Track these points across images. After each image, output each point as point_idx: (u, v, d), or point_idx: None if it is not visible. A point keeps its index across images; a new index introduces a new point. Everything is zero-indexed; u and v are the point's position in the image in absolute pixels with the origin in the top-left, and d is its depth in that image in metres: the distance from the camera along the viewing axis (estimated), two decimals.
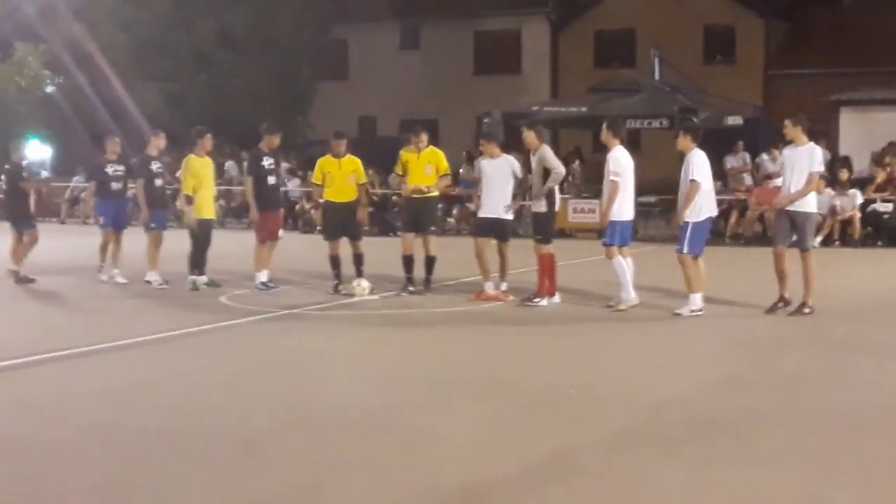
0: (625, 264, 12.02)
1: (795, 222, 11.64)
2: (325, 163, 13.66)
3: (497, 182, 12.89)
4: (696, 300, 11.61)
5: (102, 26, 32.41)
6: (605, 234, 12.16)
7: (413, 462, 6.22)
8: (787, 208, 11.64)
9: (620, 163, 12.01)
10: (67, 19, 32.16)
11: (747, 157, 23.15)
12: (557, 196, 12.90)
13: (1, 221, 16.63)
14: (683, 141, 11.80)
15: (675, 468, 6.06)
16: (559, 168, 12.50)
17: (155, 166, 14.67)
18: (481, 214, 13.09)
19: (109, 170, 14.95)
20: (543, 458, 6.28)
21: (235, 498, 5.60)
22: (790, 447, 6.52)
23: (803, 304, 11.61)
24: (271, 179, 14.04)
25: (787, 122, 11.83)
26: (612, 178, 11.97)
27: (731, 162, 23.23)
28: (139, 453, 6.40)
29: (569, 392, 8.05)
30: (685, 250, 11.58)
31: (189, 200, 13.80)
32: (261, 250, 13.92)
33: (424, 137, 13.45)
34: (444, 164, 13.57)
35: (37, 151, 37.75)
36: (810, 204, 11.66)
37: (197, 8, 32.47)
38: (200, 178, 13.91)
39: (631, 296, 12.06)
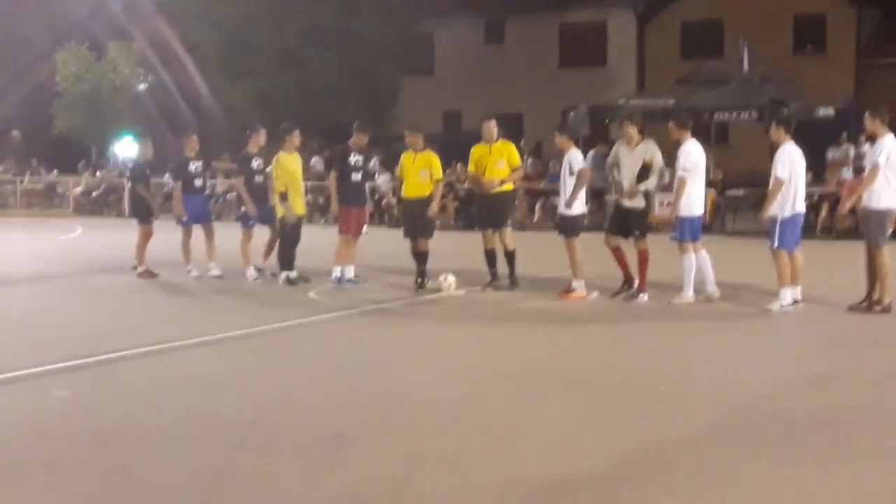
0: (693, 260, 11.92)
1: (861, 218, 11.46)
2: (403, 158, 13.73)
3: (564, 177, 12.82)
4: (787, 295, 11.45)
5: (192, 25, 32.98)
6: (674, 229, 12.07)
7: (499, 457, 6.24)
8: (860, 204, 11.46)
9: (691, 157, 11.89)
10: (157, 19, 32.80)
11: (851, 149, 22.37)
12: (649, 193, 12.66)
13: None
14: (777, 132, 11.62)
15: (764, 466, 5.99)
16: (659, 164, 12.26)
17: (255, 163, 14.88)
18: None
19: (192, 167, 15.25)
20: (632, 453, 6.25)
21: (324, 491, 5.67)
22: (882, 445, 6.40)
23: (876, 302, 11.36)
24: (356, 176, 14.02)
25: (867, 115, 11.58)
26: (681, 172, 11.87)
27: (833, 153, 22.66)
28: (231, 446, 6.51)
29: (657, 388, 7.99)
30: (776, 245, 11.42)
31: (283, 197, 13.97)
32: (341, 245, 13.99)
33: (493, 128, 13.33)
34: (516, 158, 13.45)
35: (130, 149, 38.67)
36: (873, 199, 11.34)
37: (284, 5, 32.87)
38: (290, 175, 14.11)
39: (689, 294, 12.00)
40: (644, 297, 12.33)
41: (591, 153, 12.92)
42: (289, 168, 14.11)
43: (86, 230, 24.49)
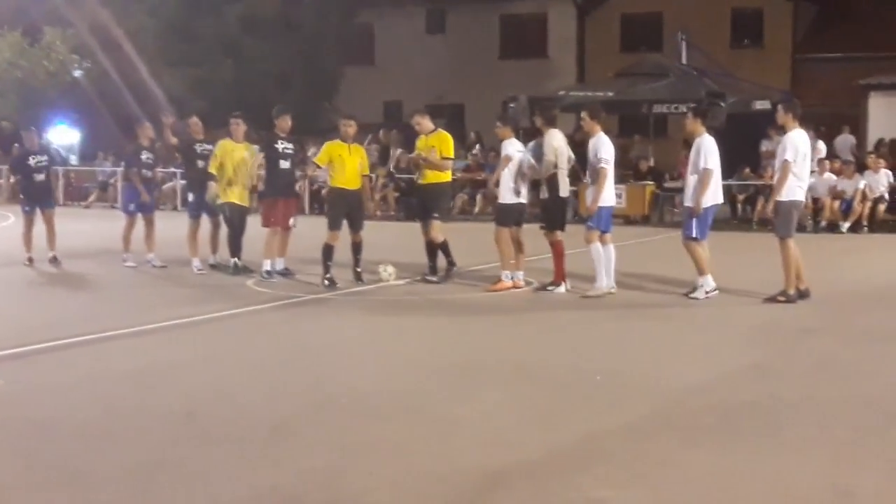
0: (601, 250, 12.02)
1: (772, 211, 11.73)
2: (333, 147, 13.12)
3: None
4: (710, 281, 11.70)
5: (129, 11, 32.53)
6: (591, 218, 12.12)
7: (437, 447, 6.25)
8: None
9: (607, 147, 12.00)
10: (94, 4, 32.31)
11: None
12: (563, 182, 12.44)
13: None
14: (693, 124, 11.83)
15: (700, 455, 6.06)
16: (549, 156, 12.25)
17: (199, 148, 14.67)
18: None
19: (144, 156, 15.03)
20: (569, 443, 6.29)
21: (260, 482, 5.63)
22: (816, 434, 6.50)
23: (781, 292, 11.53)
24: (284, 164, 13.65)
25: (779, 108, 11.79)
26: (602, 164, 11.93)
27: (766, 145, 22.97)
28: (166, 436, 6.46)
29: (594, 378, 8.05)
30: (693, 234, 11.61)
31: (212, 178, 13.80)
32: (269, 237, 13.71)
33: (425, 122, 13.21)
34: (447, 148, 13.10)
35: (64, 136, 38.08)
36: (782, 192, 11.52)
37: None
38: (236, 164, 13.88)
39: (604, 283, 12.07)
40: (558, 289, 12.35)
41: (531, 144, 12.86)
42: (234, 157, 13.90)
43: (19, 219, 24.01)
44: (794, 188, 11.49)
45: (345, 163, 13.00)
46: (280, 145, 13.68)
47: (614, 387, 7.79)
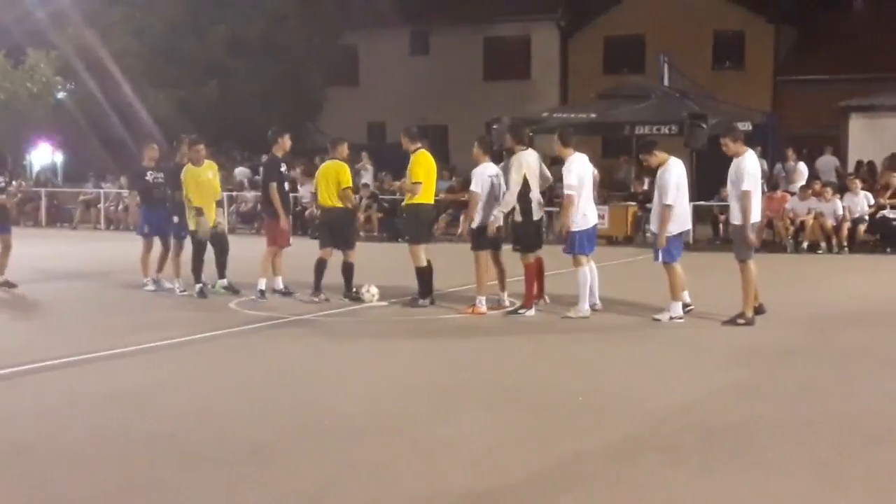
0: (588, 275, 12.07)
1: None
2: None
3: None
4: (678, 308, 11.77)
5: (114, 33, 32.54)
6: (567, 243, 12.14)
7: (420, 469, 6.25)
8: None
9: (573, 174, 11.91)
10: (79, 26, 32.30)
11: (764, 164, 22.79)
12: (535, 204, 12.39)
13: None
14: (653, 158, 11.88)
15: (682, 475, 6.08)
16: (514, 175, 12.18)
17: (150, 176, 14.73)
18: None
19: (149, 177, 14.83)
20: (552, 464, 6.31)
21: None
22: (798, 454, 6.53)
23: (740, 314, 11.54)
24: (286, 186, 14.09)
25: (723, 139, 11.76)
26: (567, 191, 11.92)
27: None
28: (148, 459, 6.44)
29: (577, 399, 8.07)
30: (660, 260, 11.72)
31: (199, 212, 13.75)
32: (269, 257, 13.86)
33: (405, 142, 13.12)
34: (415, 172, 12.93)
35: (48, 157, 38.01)
36: (735, 215, 11.66)
37: (208, 15, 32.62)
38: (200, 187, 13.82)
39: (586, 307, 12.09)
40: (528, 312, 12.29)
41: (501, 164, 12.89)
42: (197, 179, 13.81)
43: None
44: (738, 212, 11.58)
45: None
46: (283, 167, 14.01)
47: (596, 408, 7.81)
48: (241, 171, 28.84)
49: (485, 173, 12.58)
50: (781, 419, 7.46)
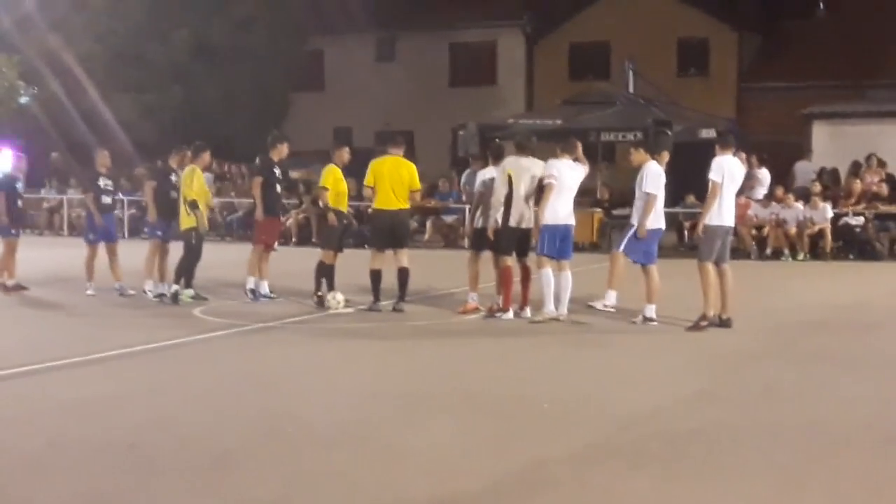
0: (550, 276, 12.12)
1: None
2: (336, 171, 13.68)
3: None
4: (612, 296, 12.39)
5: (77, 37, 32.28)
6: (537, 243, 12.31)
7: (384, 476, 6.22)
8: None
9: (555, 167, 12.29)
10: (43, 30, 32.01)
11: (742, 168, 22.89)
12: (515, 209, 12.46)
13: None
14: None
15: (646, 482, 6.08)
16: (499, 188, 12.44)
17: (102, 183, 14.79)
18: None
19: (101, 182, 14.85)
20: (515, 471, 6.29)
21: None
22: (761, 460, 6.56)
23: (702, 317, 11.66)
24: (279, 188, 14.28)
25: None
26: (547, 180, 12.14)
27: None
28: (109, 468, 6.37)
29: (541, 406, 8.06)
30: (621, 249, 12.21)
31: (194, 205, 13.74)
32: (256, 257, 13.97)
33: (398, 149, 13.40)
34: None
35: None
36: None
37: (172, 19, 32.41)
38: (201, 190, 14.00)
39: (551, 308, 12.17)
40: (506, 315, 12.45)
41: (465, 172, 13.19)
42: (201, 183, 14.02)
43: None
44: (722, 213, 11.71)
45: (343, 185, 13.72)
46: (276, 170, 14.14)
47: (561, 414, 7.81)
48: (207, 177, 28.64)
49: (484, 175, 13.01)
50: (745, 425, 7.49)
